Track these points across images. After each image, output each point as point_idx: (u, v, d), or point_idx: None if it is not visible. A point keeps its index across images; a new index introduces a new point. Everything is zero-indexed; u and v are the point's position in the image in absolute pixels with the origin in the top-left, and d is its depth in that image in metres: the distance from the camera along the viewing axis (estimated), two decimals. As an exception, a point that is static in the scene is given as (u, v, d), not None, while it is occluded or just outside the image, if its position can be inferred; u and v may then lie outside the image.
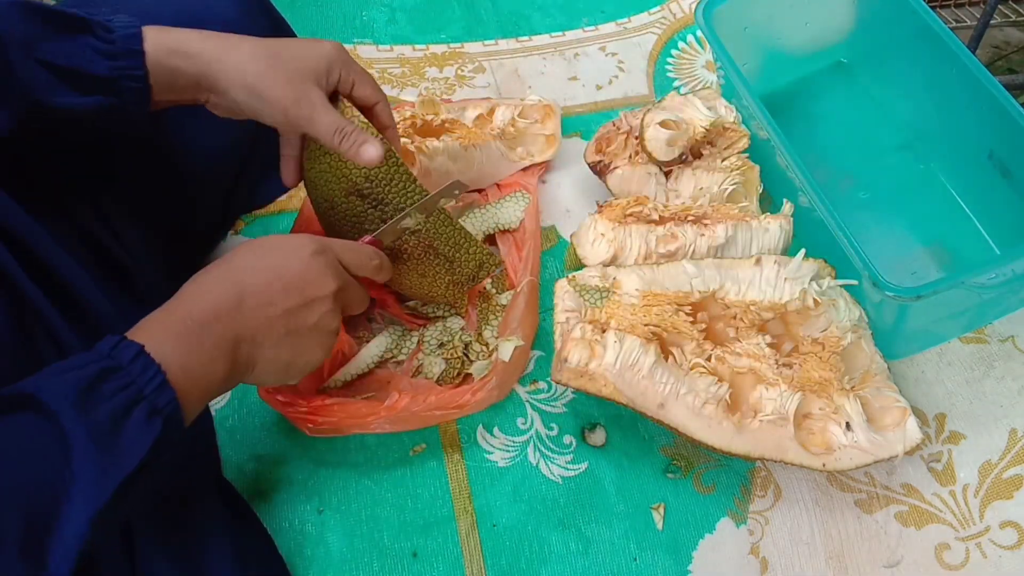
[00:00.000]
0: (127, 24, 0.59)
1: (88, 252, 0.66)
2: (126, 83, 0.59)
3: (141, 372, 0.47)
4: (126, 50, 0.58)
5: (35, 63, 0.56)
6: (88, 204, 0.68)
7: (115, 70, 0.58)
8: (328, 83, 0.66)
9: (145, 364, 0.48)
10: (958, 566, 0.77)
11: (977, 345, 0.91)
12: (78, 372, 0.46)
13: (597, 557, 0.76)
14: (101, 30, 0.58)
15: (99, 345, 0.48)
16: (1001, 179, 0.90)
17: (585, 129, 1.10)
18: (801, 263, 0.78)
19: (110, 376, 0.46)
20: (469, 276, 0.82)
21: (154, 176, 0.75)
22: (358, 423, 0.76)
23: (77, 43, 0.57)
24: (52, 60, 0.56)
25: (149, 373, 0.48)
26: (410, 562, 0.75)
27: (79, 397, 0.45)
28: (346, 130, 0.65)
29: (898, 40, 1.00)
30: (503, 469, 0.80)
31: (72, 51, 0.57)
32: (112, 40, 0.58)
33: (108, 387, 0.46)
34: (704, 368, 0.76)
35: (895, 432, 0.76)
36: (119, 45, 0.58)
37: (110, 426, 0.45)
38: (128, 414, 0.46)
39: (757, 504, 0.80)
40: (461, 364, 0.83)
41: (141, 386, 0.47)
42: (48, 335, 0.57)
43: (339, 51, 0.67)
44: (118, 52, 0.58)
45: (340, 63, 0.67)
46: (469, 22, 1.23)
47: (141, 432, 0.46)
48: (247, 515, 0.74)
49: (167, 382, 0.48)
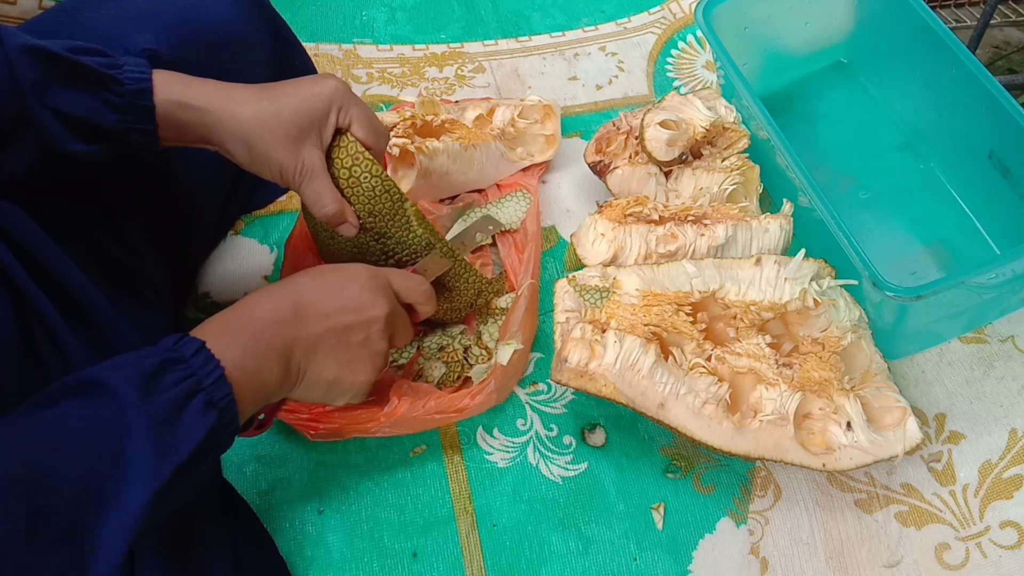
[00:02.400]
0: (137, 76, 0.59)
1: (89, 253, 0.66)
2: (134, 136, 0.60)
3: (202, 365, 0.50)
4: (135, 105, 0.59)
5: (46, 110, 0.56)
6: (88, 206, 0.69)
7: (123, 123, 0.59)
8: (328, 126, 0.68)
9: (206, 358, 0.51)
10: (958, 566, 0.77)
11: (977, 345, 0.91)
12: (143, 363, 0.48)
13: (597, 557, 0.76)
14: (112, 83, 0.58)
15: (163, 340, 0.51)
16: (1001, 179, 0.90)
17: (585, 129, 1.10)
18: (801, 263, 0.78)
19: (172, 367, 0.49)
20: (467, 303, 0.83)
21: (154, 177, 0.75)
22: (359, 428, 0.76)
23: (88, 95, 0.58)
24: (62, 109, 0.57)
25: (209, 367, 0.50)
26: (410, 562, 0.75)
27: (142, 384, 0.47)
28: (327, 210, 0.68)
29: (898, 40, 1.00)
30: (503, 470, 0.80)
31: (82, 102, 0.57)
32: (122, 94, 0.58)
33: (170, 377, 0.49)
34: (704, 368, 0.76)
35: (895, 432, 0.76)
36: (129, 99, 0.59)
37: (169, 414, 0.47)
38: (187, 403, 0.49)
39: (757, 504, 0.80)
40: (461, 368, 0.83)
41: (201, 378, 0.50)
42: (48, 335, 0.58)
43: (339, 91, 0.68)
44: (128, 106, 0.59)
45: (340, 101, 0.68)
46: (469, 22, 1.23)
47: (198, 420, 0.49)
48: (247, 517, 0.74)
49: (224, 377, 0.51)
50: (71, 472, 0.44)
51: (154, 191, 0.76)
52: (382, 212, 0.72)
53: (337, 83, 0.68)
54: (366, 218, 0.71)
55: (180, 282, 0.86)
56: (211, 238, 0.93)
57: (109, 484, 0.44)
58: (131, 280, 0.71)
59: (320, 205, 0.68)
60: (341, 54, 1.16)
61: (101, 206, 0.70)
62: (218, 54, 0.72)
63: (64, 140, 0.58)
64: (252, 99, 0.64)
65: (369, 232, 0.72)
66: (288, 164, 0.65)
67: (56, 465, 0.43)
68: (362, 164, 0.69)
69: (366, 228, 0.72)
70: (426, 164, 0.92)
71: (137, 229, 0.73)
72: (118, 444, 0.45)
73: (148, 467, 0.45)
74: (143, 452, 0.45)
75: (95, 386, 0.47)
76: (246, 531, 0.72)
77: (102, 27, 0.67)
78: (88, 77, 0.57)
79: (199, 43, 0.71)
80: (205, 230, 0.90)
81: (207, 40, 0.72)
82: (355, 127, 0.69)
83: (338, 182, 0.69)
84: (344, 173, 0.69)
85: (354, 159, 0.69)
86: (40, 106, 0.56)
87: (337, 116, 0.68)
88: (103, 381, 0.47)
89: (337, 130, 0.69)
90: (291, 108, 0.65)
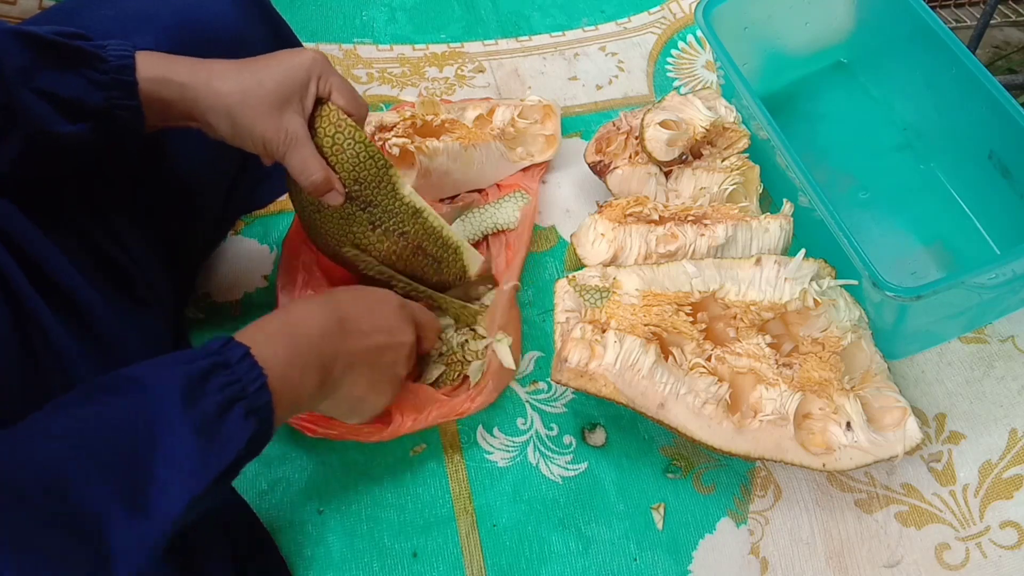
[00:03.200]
0: (120, 53, 0.59)
1: (86, 255, 0.66)
2: (119, 112, 0.60)
3: (247, 372, 0.50)
4: (119, 80, 0.59)
5: (31, 93, 0.56)
6: (86, 207, 0.68)
7: (109, 100, 0.59)
8: (309, 97, 0.68)
9: (251, 365, 0.51)
10: (958, 566, 0.77)
11: (977, 345, 0.91)
12: (191, 365, 0.48)
13: (597, 557, 0.76)
14: (96, 60, 0.58)
15: (210, 343, 0.51)
16: (1001, 179, 0.90)
17: (585, 129, 1.10)
18: (801, 263, 0.78)
19: (219, 372, 0.49)
20: (456, 276, 0.83)
21: (153, 178, 0.75)
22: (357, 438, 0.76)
23: (73, 74, 0.58)
24: (48, 90, 0.57)
25: (253, 374, 0.50)
26: (410, 562, 0.75)
27: (188, 388, 0.47)
28: (314, 177, 0.68)
29: (898, 40, 1.00)
30: (503, 469, 0.80)
31: (68, 82, 0.57)
32: (106, 71, 0.59)
33: (216, 382, 0.48)
34: (704, 368, 0.76)
35: (895, 432, 0.76)
36: (112, 75, 0.59)
37: (214, 419, 0.47)
38: (230, 409, 0.48)
39: (757, 504, 0.80)
40: (460, 367, 0.83)
41: (245, 384, 0.50)
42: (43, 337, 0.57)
43: (318, 61, 0.68)
44: (111, 82, 0.59)
45: (318, 72, 0.68)
46: (469, 22, 1.23)
47: (239, 428, 0.48)
48: (247, 517, 0.74)
49: (266, 385, 0.51)
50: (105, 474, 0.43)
51: (152, 191, 0.76)
52: (367, 179, 0.71)
53: (315, 54, 0.68)
54: (351, 186, 0.71)
55: (179, 282, 0.86)
56: (211, 238, 0.93)
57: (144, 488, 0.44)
58: (128, 280, 0.71)
59: (306, 173, 0.68)
60: (341, 54, 1.16)
61: (97, 206, 0.70)
62: (217, 54, 0.72)
63: (51, 122, 0.57)
64: (232, 72, 0.64)
65: (355, 201, 0.72)
66: (271, 133, 0.65)
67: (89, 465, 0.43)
68: (345, 131, 0.69)
69: (352, 197, 0.72)
70: (426, 164, 0.92)
71: (134, 229, 0.73)
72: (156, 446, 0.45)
73: (189, 474, 0.45)
74: (184, 458, 0.45)
75: (137, 385, 0.46)
76: (245, 531, 0.72)
77: (101, 27, 0.67)
78: (73, 56, 0.57)
79: (198, 43, 0.71)
80: (204, 230, 0.90)
81: (206, 40, 0.71)
82: (335, 95, 0.69)
83: (322, 151, 0.69)
84: (328, 141, 0.69)
85: (336, 126, 0.69)
86: (26, 89, 0.56)
87: (317, 85, 0.68)
88: (145, 381, 0.46)
89: (317, 100, 0.69)
90: (272, 79, 0.65)
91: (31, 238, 0.59)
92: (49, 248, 0.60)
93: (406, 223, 0.75)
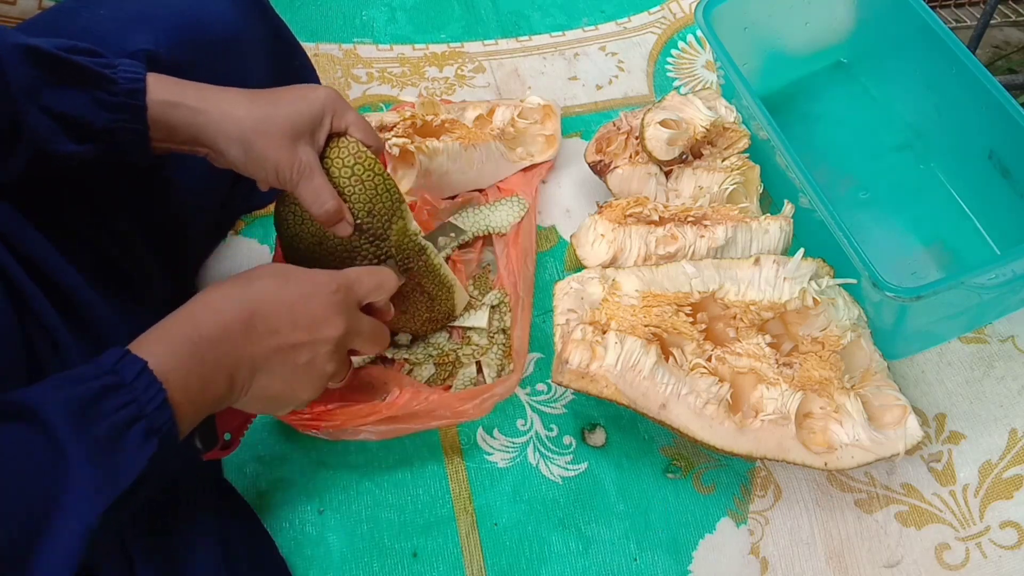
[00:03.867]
0: (131, 76, 0.59)
1: (85, 255, 0.66)
2: (125, 135, 0.60)
3: (144, 390, 0.47)
4: (128, 104, 0.59)
5: (38, 110, 0.56)
6: (86, 207, 0.68)
7: (115, 122, 0.59)
8: (322, 129, 0.68)
9: (148, 382, 0.47)
10: (958, 566, 0.77)
11: (977, 345, 0.91)
12: (81, 387, 0.45)
13: (597, 557, 0.76)
14: (106, 82, 0.58)
15: (103, 358, 0.48)
16: (1001, 179, 0.90)
17: (585, 129, 1.10)
18: (800, 262, 0.78)
19: (112, 393, 0.46)
20: (444, 314, 0.84)
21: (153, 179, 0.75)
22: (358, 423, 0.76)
23: (80, 94, 0.57)
24: (54, 108, 0.56)
25: (151, 391, 0.47)
26: (410, 562, 0.75)
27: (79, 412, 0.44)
28: (327, 206, 0.68)
29: (898, 40, 1.00)
30: (503, 470, 0.80)
31: (75, 101, 0.57)
32: (116, 92, 0.58)
33: (110, 404, 0.46)
34: (705, 368, 0.76)
35: (896, 430, 0.76)
36: (122, 98, 0.59)
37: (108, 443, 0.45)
38: (127, 432, 0.46)
39: (757, 504, 0.80)
40: (452, 367, 0.84)
41: (143, 404, 0.47)
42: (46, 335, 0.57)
43: (332, 97, 0.68)
44: (120, 105, 0.59)
45: (332, 109, 0.68)
46: (469, 22, 1.23)
47: (138, 450, 0.46)
48: (247, 517, 0.74)
49: (168, 401, 0.48)
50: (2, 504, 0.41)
51: (151, 191, 0.76)
52: (381, 211, 0.71)
53: (330, 90, 0.68)
54: (364, 218, 0.71)
55: (180, 282, 0.86)
56: (211, 238, 0.93)
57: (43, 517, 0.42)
58: (128, 280, 0.71)
59: (320, 202, 0.67)
60: (341, 54, 1.16)
61: (97, 207, 0.70)
62: (216, 55, 0.72)
63: (55, 140, 0.57)
64: (246, 101, 0.64)
65: (364, 234, 0.72)
66: (284, 162, 0.64)
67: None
68: (365, 162, 0.69)
69: (362, 229, 0.72)
70: (426, 164, 0.92)
71: (134, 229, 0.73)
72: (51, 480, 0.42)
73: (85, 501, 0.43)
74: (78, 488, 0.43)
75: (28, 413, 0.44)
76: (242, 531, 0.72)
77: (100, 27, 0.67)
78: (82, 75, 0.57)
79: (197, 43, 0.71)
80: (204, 230, 0.90)
81: (205, 41, 0.71)
82: (352, 130, 0.69)
83: (335, 182, 0.69)
84: (346, 172, 0.69)
85: (356, 157, 0.69)
86: (33, 107, 0.56)
87: (331, 120, 0.68)
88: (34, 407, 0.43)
89: (331, 135, 0.69)
90: (287, 110, 0.65)
91: (29, 238, 0.59)
92: (47, 248, 0.60)
93: (411, 259, 0.76)
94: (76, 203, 0.68)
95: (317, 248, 0.73)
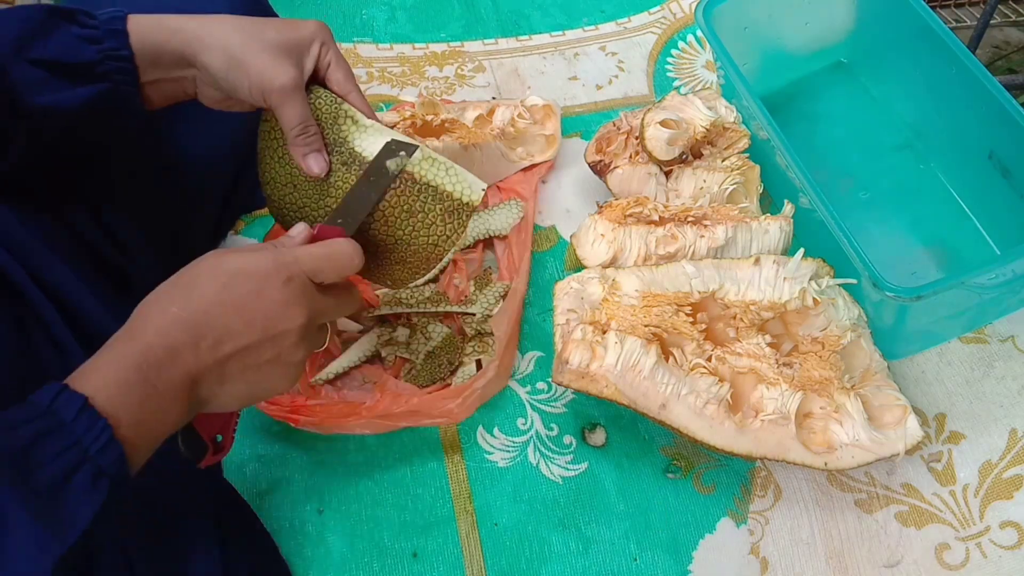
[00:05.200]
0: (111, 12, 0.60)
1: (85, 257, 0.66)
2: (112, 64, 0.60)
3: (86, 430, 0.43)
4: (110, 31, 0.59)
5: (27, 64, 0.56)
6: (85, 210, 0.68)
7: (100, 52, 0.59)
8: (309, 58, 0.65)
9: (91, 420, 0.43)
10: (958, 566, 0.77)
11: (977, 345, 0.91)
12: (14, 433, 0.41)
13: (597, 557, 0.76)
14: (85, 16, 0.59)
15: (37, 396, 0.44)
16: (1001, 179, 0.90)
17: (585, 129, 1.10)
18: (799, 262, 0.78)
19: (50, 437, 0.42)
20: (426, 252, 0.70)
21: (152, 179, 0.75)
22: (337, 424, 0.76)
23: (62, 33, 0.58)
24: (40, 56, 0.57)
25: (95, 431, 0.43)
26: (410, 562, 0.75)
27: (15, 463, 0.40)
28: (309, 129, 0.64)
29: (898, 40, 1.00)
30: (503, 469, 0.80)
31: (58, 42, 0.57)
32: (95, 25, 0.59)
33: (48, 449, 0.42)
34: (705, 368, 0.76)
35: (896, 430, 0.76)
36: (103, 28, 0.59)
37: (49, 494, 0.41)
38: (70, 479, 0.42)
39: (757, 504, 0.80)
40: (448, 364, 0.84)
41: (86, 446, 0.42)
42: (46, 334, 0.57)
43: (322, 29, 0.67)
44: (102, 35, 0.59)
45: (321, 40, 0.66)
46: (469, 21, 1.23)
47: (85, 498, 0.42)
48: (246, 517, 0.74)
49: (115, 439, 0.44)
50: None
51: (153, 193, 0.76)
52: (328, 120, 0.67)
53: (318, 24, 0.67)
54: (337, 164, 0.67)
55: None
56: (211, 238, 0.93)
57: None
58: (127, 281, 0.71)
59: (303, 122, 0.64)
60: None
61: (95, 206, 0.70)
62: None
63: (45, 89, 0.57)
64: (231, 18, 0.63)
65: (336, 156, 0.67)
66: (268, 75, 0.61)
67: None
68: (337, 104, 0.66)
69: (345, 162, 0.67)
70: (426, 164, 0.92)
71: (133, 229, 0.73)
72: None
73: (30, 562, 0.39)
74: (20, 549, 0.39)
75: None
76: (241, 531, 0.72)
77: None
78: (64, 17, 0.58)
79: None
80: (204, 230, 0.90)
81: None
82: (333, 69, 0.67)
83: None
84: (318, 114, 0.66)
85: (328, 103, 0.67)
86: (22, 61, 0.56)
87: (319, 53, 0.66)
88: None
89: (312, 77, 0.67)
90: (275, 28, 0.63)
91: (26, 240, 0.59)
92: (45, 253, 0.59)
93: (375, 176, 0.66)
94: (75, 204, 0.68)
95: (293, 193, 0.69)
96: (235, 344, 0.51)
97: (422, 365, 0.83)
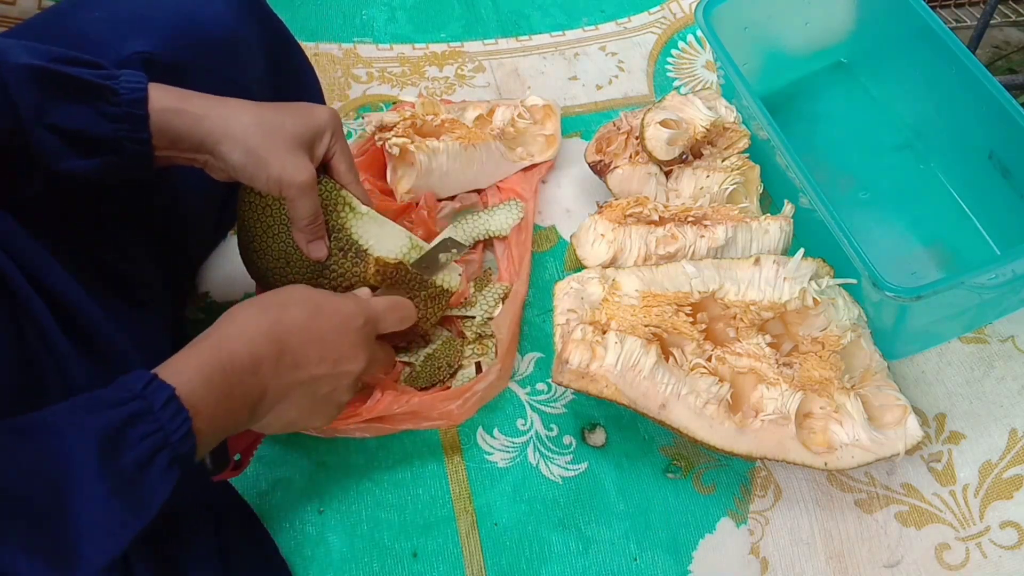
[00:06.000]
0: (132, 86, 0.59)
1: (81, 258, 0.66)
2: (129, 146, 0.60)
3: (170, 419, 0.47)
4: (131, 114, 0.59)
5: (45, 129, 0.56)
6: (85, 213, 0.68)
7: (118, 132, 0.59)
8: (321, 147, 0.69)
9: (176, 410, 0.47)
10: (958, 566, 0.77)
11: (977, 345, 0.91)
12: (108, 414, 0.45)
13: (597, 557, 0.76)
14: (108, 93, 0.58)
15: (131, 380, 0.47)
16: (1001, 179, 0.90)
17: (585, 129, 1.10)
18: (799, 262, 0.78)
19: (139, 421, 0.46)
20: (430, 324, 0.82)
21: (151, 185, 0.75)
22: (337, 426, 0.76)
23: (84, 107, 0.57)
24: (60, 125, 0.57)
25: (178, 421, 0.47)
26: (410, 562, 0.75)
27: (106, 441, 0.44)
28: (318, 220, 0.68)
29: (898, 40, 1.00)
30: (503, 470, 0.80)
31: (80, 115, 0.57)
32: (118, 103, 0.58)
33: (136, 432, 0.45)
34: (705, 368, 0.76)
35: (896, 430, 0.76)
36: (124, 108, 0.59)
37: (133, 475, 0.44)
38: (151, 462, 0.46)
39: (757, 504, 0.80)
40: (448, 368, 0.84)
41: (168, 433, 0.46)
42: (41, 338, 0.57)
43: (333, 118, 0.69)
44: (123, 115, 0.59)
45: (332, 130, 0.69)
46: (469, 21, 1.23)
47: (162, 480, 0.46)
48: (247, 518, 0.74)
49: (192, 431, 0.48)
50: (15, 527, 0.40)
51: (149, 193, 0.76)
52: None
53: (331, 112, 0.69)
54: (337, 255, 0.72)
55: (178, 282, 0.86)
56: (210, 238, 0.93)
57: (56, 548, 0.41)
58: (125, 282, 0.70)
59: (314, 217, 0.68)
60: (341, 53, 1.16)
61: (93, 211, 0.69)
62: (214, 55, 0.72)
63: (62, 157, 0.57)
64: (251, 107, 0.64)
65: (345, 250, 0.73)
66: (288, 170, 0.64)
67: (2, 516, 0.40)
68: None
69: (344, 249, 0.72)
70: (426, 164, 0.92)
71: (131, 231, 0.73)
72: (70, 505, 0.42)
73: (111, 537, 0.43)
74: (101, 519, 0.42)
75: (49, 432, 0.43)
76: (241, 532, 0.72)
77: (95, 30, 0.66)
78: (86, 89, 0.57)
79: (195, 45, 0.70)
80: (203, 230, 0.90)
81: (203, 41, 0.71)
82: (337, 159, 0.70)
83: None
84: None
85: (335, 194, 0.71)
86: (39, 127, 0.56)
87: (328, 143, 0.69)
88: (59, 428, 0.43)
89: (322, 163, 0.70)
90: (292, 119, 0.65)
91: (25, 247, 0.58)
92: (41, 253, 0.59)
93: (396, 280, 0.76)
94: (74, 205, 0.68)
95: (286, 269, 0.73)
96: (308, 372, 0.57)
97: (421, 368, 0.83)
